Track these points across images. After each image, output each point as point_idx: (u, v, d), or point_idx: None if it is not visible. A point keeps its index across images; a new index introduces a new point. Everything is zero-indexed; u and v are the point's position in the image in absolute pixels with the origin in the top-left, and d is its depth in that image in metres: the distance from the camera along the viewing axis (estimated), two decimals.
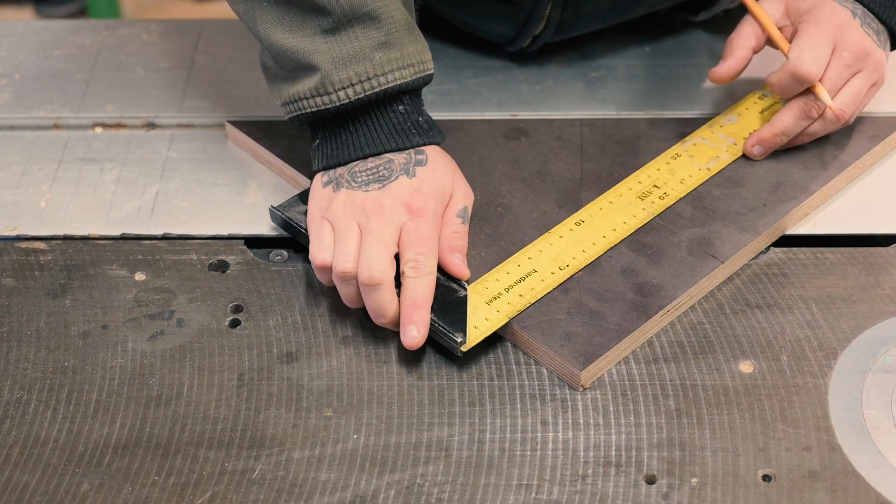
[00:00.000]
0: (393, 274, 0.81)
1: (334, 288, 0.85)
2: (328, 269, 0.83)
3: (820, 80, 0.91)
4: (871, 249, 0.89)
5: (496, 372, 0.81)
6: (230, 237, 0.92)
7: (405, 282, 0.81)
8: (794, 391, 0.79)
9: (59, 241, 0.92)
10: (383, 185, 0.84)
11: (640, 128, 0.98)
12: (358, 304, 0.83)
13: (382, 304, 0.81)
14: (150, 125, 1.03)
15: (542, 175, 0.94)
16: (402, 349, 0.82)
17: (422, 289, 0.81)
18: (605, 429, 0.77)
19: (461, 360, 0.82)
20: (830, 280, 0.86)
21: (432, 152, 0.86)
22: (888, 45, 0.95)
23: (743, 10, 0.97)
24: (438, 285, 0.82)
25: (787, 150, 0.95)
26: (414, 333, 0.80)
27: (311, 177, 0.93)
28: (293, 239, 0.91)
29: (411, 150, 0.86)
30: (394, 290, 0.81)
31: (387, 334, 0.83)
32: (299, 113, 0.86)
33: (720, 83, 0.96)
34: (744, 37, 0.95)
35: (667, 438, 0.77)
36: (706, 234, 0.88)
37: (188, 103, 1.04)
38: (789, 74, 0.91)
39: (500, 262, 0.86)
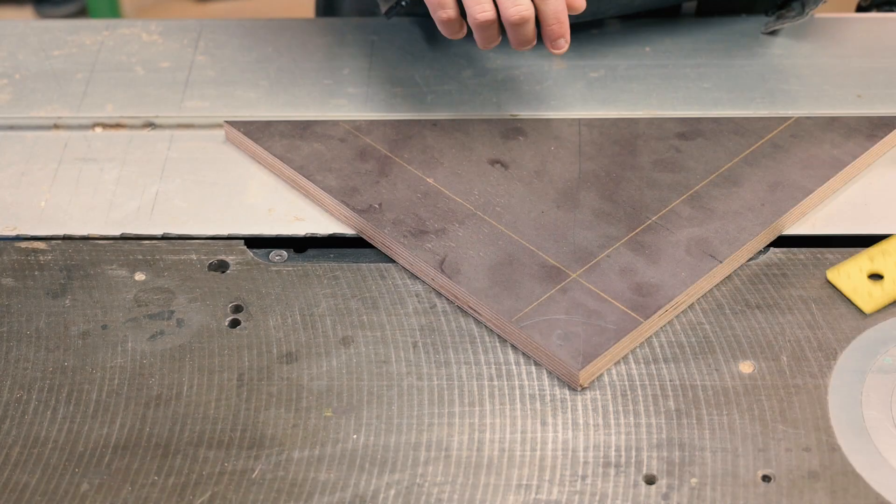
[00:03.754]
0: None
1: (334, 288, 0.85)
2: (456, 22, 0.90)
3: None
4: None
5: (496, 372, 0.81)
6: (230, 237, 0.92)
7: (544, 6, 0.88)
8: (793, 391, 0.79)
9: (59, 241, 0.92)
10: None
11: (639, 127, 0.98)
12: (494, 44, 0.91)
13: (530, 34, 0.89)
14: (150, 125, 1.03)
15: (540, 175, 0.94)
16: (401, 349, 0.82)
17: (560, 4, 0.88)
18: (604, 429, 0.78)
19: (461, 361, 0.82)
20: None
21: None
22: None
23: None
24: None
25: (785, 150, 0.95)
26: (563, 43, 0.90)
27: (308, 175, 0.93)
28: (293, 239, 0.91)
29: None
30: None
31: (387, 335, 0.84)
32: None
33: None
34: None
35: (666, 439, 0.77)
36: (704, 233, 0.88)
37: (188, 103, 1.04)
38: None
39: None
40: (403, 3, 1.01)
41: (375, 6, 1.18)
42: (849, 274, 0.85)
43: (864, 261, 0.86)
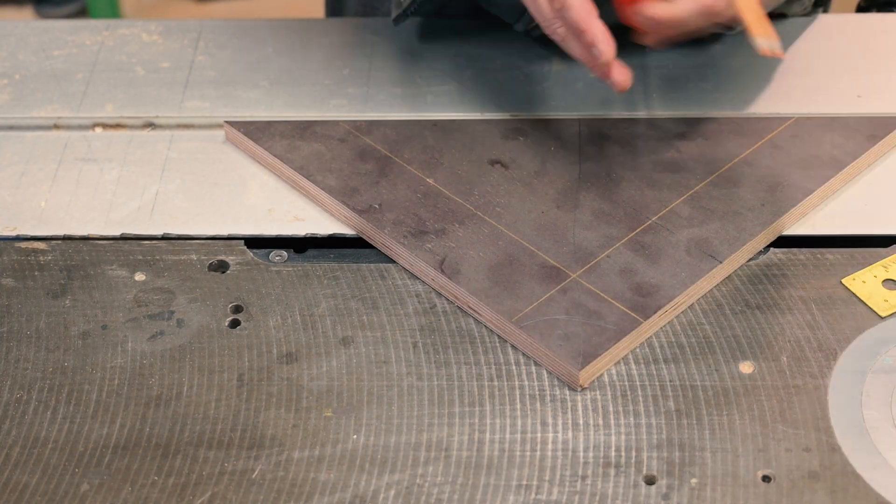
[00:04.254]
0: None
1: (334, 289, 0.85)
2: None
3: None
4: (871, 250, 0.89)
5: (496, 372, 0.81)
6: (230, 237, 0.92)
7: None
8: (793, 392, 0.79)
9: (59, 241, 0.92)
10: None
11: (639, 128, 0.98)
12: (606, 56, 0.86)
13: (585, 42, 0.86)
14: (150, 125, 1.03)
15: (540, 175, 0.94)
16: (401, 349, 0.82)
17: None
18: (604, 429, 0.78)
19: (461, 361, 0.82)
20: (830, 281, 0.86)
21: None
22: None
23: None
24: None
25: (785, 151, 0.95)
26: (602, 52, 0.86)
27: (308, 175, 0.93)
28: (293, 239, 0.92)
29: None
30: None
31: (387, 335, 0.84)
32: None
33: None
34: None
35: (666, 439, 0.77)
36: (704, 234, 0.88)
37: (188, 103, 1.04)
38: None
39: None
40: (411, 10, 1.02)
41: (378, 4, 1.18)
42: (864, 281, 0.85)
43: (879, 269, 0.86)
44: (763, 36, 0.79)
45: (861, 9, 1.25)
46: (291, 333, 0.84)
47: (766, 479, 0.74)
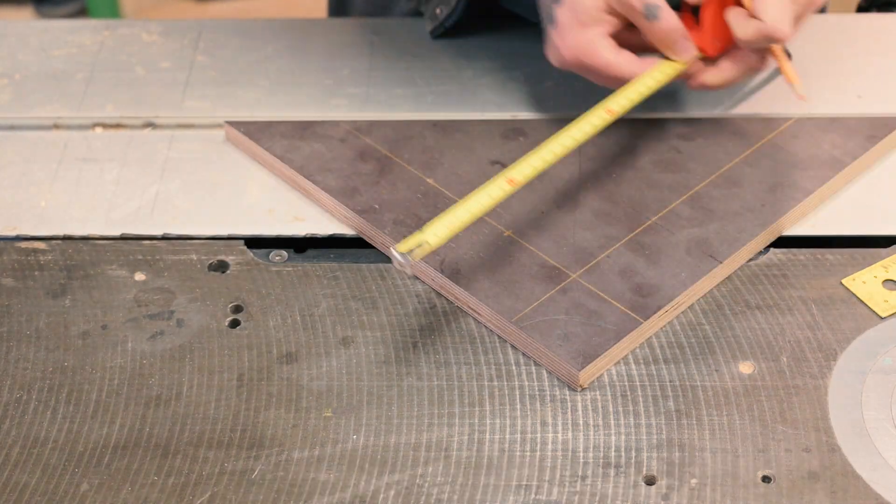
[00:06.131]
0: None
1: (334, 289, 0.85)
2: None
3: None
4: (871, 250, 0.89)
5: (496, 372, 0.81)
6: (230, 237, 0.92)
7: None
8: (793, 392, 0.79)
9: (59, 241, 0.92)
10: None
11: (639, 128, 0.98)
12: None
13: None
14: (150, 125, 1.03)
15: (540, 175, 0.94)
16: (401, 349, 0.82)
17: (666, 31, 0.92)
18: (604, 429, 0.78)
19: (461, 361, 0.82)
20: (830, 281, 0.86)
21: None
22: None
23: None
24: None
25: (785, 151, 0.95)
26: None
27: (308, 175, 0.93)
28: (293, 239, 0.92)
29: None
30: None
31: (387, 335, 0.84)
32: None
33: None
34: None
35: (666, 439, 0.77)
36: (704, 234, 0.88)
37: (188, 103, 1.04)
38: (764, 36, 0.87)
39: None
40: (447, 24, 1.04)
41: (385, 6, 1.19)
42: (864, 281, 0.85)
43: (879, 269, 0.86)
44: (798, 83, 0.94)
45: (861, 9, 1.25)
46: (291, 333, 0.84)
47: (766, 479, 0.74)
